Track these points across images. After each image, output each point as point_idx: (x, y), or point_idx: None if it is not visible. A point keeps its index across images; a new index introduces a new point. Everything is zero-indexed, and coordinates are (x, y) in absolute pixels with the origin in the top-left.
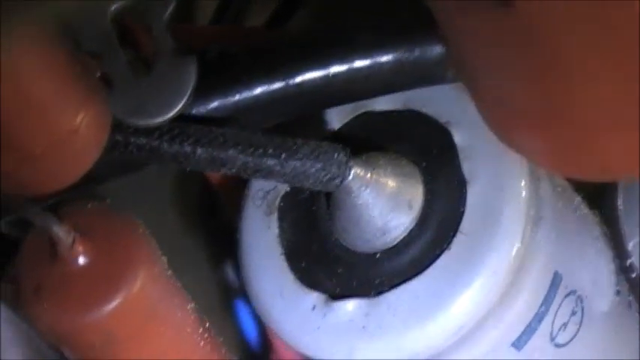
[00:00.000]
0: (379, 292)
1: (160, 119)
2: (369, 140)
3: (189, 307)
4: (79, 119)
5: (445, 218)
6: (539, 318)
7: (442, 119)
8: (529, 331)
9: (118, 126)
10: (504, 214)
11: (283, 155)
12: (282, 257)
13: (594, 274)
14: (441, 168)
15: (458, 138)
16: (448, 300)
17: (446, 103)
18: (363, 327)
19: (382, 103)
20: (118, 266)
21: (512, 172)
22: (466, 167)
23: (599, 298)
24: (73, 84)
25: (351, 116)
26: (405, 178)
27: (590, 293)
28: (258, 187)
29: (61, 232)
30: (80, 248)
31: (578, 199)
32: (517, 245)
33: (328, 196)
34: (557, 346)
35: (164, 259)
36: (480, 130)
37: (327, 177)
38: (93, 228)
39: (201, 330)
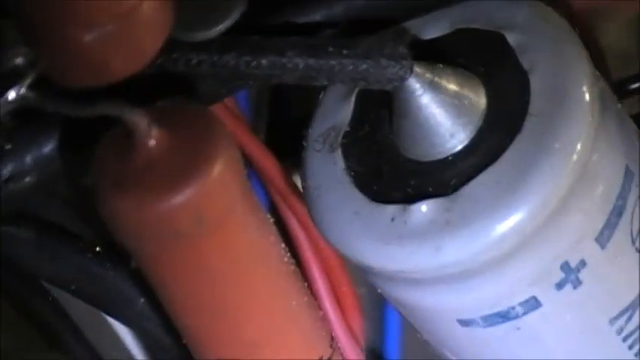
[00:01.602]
0: (457, 189)
1: (214, 31)
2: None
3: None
4: None
5: (512, 109)
6: (617, 211)
7: (492, 27)
8: (610, 225)
9: (176, 43)
10: (571, 92)
11: (344, 51)
12: (352, 186)
13: None
14: (499, 67)
15: (512, 39)
16: (529, 177)
17: (492, 12)
18: (447, 222)
19: (430, 32)
20: (197, 150)
21: (572, 56)
22: (524, 61)
23: None
24: None
25: None
26: (466, 80)
27: None
28: (315, 134)
29: (136, 117)
30: (157, 133)
31: None
32: (589, 117)
33: (392, 114)
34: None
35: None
36: (533, 27)
37: (390, 72)
38: (169, 116)
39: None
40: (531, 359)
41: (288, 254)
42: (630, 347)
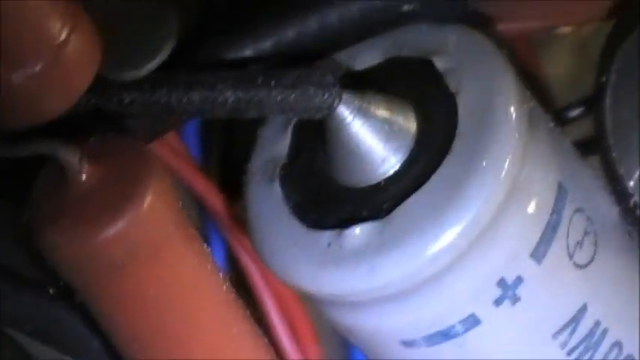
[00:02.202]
0: (390, 212)
1: (144, 69)
2: None
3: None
4: (64, 35)
5: (441, 131)
6: (552, 227)
7: (421, 54)
8: (545, 240)
9: (108, 83)
10: (497, 111)
11: (273, 82)
12: (290, 215)
13: (599, 200)
14: (428, 91)
15: (439, 63)
16: (459, 196)
17: (421, 39)
18: (380, 244)
19: (361, 62)
20: (128, 183)
21: (498, 76)
22: (452, 84)
23: (608, 228)
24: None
25: None
26: (395, 106)
27: (599, 219)
28: (255, 167)
29: (67, 153)
30: (89, 168)
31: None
32: (516, 134)
33: (325, 144)
34: (577, 266)
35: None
36: (461, 52)
37: (318, 101)
38: (101, 151)
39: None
40: None
41: (228, 283)
42: None
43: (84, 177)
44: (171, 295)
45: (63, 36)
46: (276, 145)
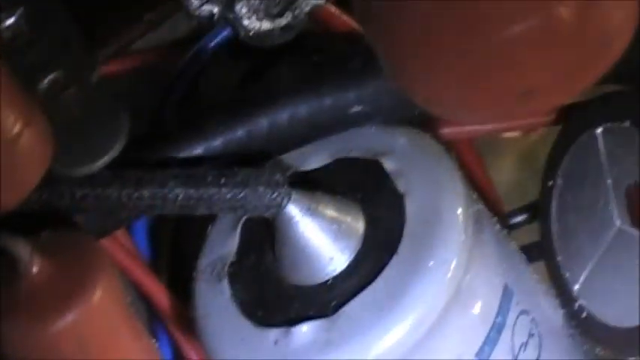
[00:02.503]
0: (337, 310)
1: (95, 166)
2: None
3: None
4: (17, 128)
5: (389, 231)
6: (497, 328)
7: (370, 155)
8: (490, 341)
9: (60, 178)
10: (444, 212)
11: (223, 180)
12: (238, 313)
13: (543, 303)
14: (377, 192)
15: (388, 165)
16: (405, 296)
17: (370, 141)
18: (327, 342)
19: (310, 162)
20: (78, 277)
21: (445, 178)
22: (400, 185)
23: (553, 330)
24: (13, 94)
25: None
26: (343, 206)
27: (543, 321)
28: (203, 265)
29: (18, 246)
30: (39, 261)
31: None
32: (462, 237)
33: (274, 242)
34: None
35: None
36: (409, 154)
37: (267, 200)
38: (52, 244)
39: None
40: None
41: None
42: None
43: (35, 270)
44: None
45: (16, 129)
46: (224, 243)
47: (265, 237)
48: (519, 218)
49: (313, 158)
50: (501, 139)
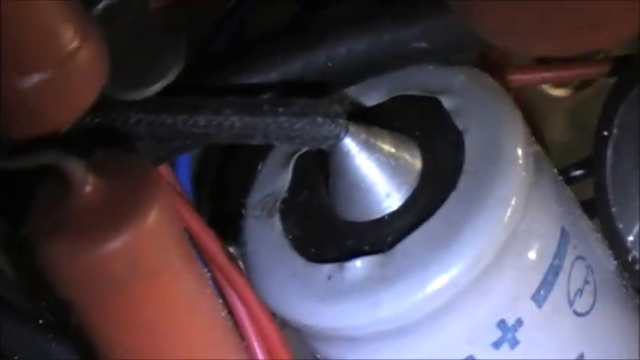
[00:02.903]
0: (393, 246)
1: (151, 90)
2: None
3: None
4: (75, 43)
5: (447, 168)
6: (554, 271)
7: (427, 93)
8: (546, 284)
9: (114, 102)
10: (504, 149)
11: (280, 109)
12: (289, 248)
13: (598, 251)
14: (435, 129)
15: (447, 102)
16: (464, 231)
17: (427, 79)
18: (383, 277)
19: (368, 100)
20: (132, 198)
21: (506, 116)
22: (459, 122)
23: (607, 280)
24: (72, 9)
25: None
26: (401, 142)
27: (598, 269)
28: (254, 202)
29: (73, 164)
30: (93, 180)
31: None
32: (523, 174)
33: (328, 177)
34: (577, 314)
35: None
36: (468, 91)
37: (325, 131)
38: (106, 165)
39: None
40: None
41: (226, 311)
42: None
43: (88, 189)
44: (169, 316)
45: (74, 45)
46: (276, 180)
47: (319, 174)
48: (572, 174)
49: (369, 95)
50: (551, 99)
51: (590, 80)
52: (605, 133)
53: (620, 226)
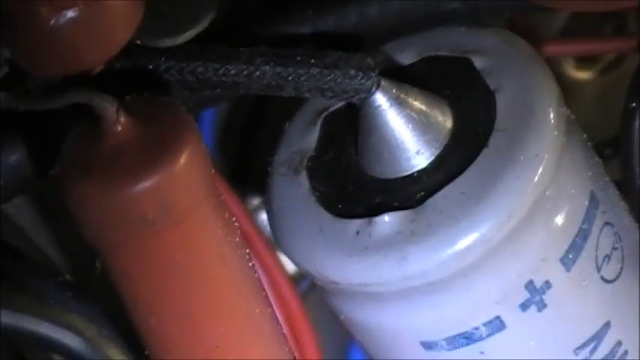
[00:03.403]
0: (422, 202)
1: (182, 37)
2: None
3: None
4: None
5: (478, 126)
6: (583, 235)
7: (458, 53)
8: (575, 248)
9: (144, 48)
10: (537, 108)
11: (312, 60)
12: (317, 204)
13: (626, 219)
14: (466, 88)
15: (478, 62)
16: (495, 188)
17: (458, 39)
18: (412, 232)
19: (399, 59)
20: (165, 139)
21: (538, 76)
22: (491, 81)
23: (635, 248)
24: None
25: None
26: (432, 100)
27: (626, 237)
28: (280, 160)
29: (104, 102)
30: (125, 120)
31: None
32: (555, 133)
33: (357, 133)
34: (605, 280)
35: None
36: (500, 51)
37: (357, 84)
38: (138, 106)
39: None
40: None
41: (253, 262)
42: None
43: (119, 128)
44: (198, 262)
45: None
46: (303, 138)
47: (347, 132)
48: (601, 152)
49: (401, 55)
50: (576, 82)
51: (615, 63)
52: (633, 105)
53: None
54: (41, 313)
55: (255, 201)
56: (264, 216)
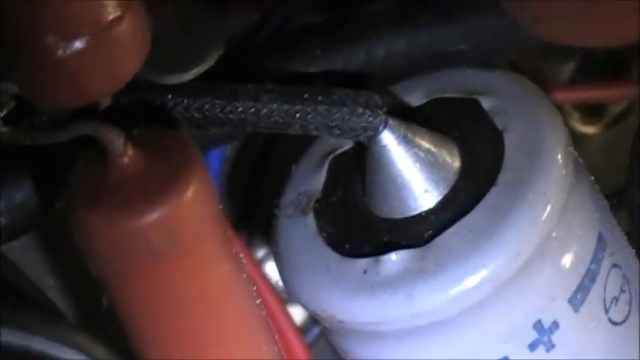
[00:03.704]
0: (430, 240)
1: (189, 74)
2: None
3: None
4: (119, 11)
5: (486, 165)
6: (591, 275)
7: (466, 94)
8: (583, 288)
9: (151, 84)
10: (545, 146)
11: (320, 97)
12: (324, 244)
13: (632, 262)
14: (474, 128)
15: (486, 103)
16: (504, 226)
17: (465, 80)
18: (420, 270)
19: (406, 99)
20: (172, 171)
21: (546, 115)
22: (499, 121)
23: None
24: None
25: None
26: (439, 139)
27: (633, 279)
28: (287, 202)
29: (112, 134)
30: (132, 152)
31: None
32: (563, 172)
33: (365, 172)
34: (612, 323)
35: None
36: (507, 92)
37: (364, 121)
38: (145, 138)
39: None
40: None
41: (259, 299)
42: None
43: (126, 160)
44: (203, 296)
45: (117, 13)
46: (310, 180)
47: (354, 173)
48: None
49: (408, 96)
50: (583, 136)
51: (621, 117)
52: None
53: None
54: (50, 333)
55: (261, 252)
56: (270, 265)
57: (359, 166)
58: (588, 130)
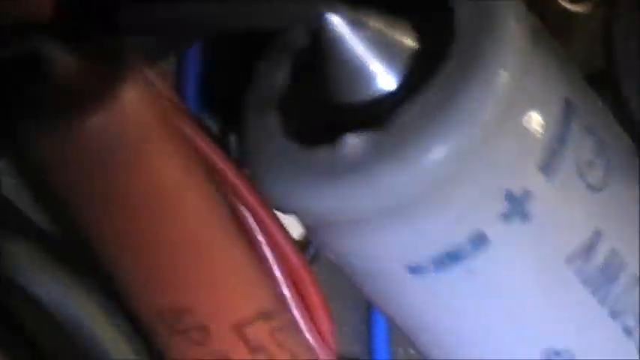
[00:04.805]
0: (387, 120)
1: None
2: None
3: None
4: None
5: (439, 42)
6: (559, 140)
7: None
8: (552, 153)
9: None
10: (497, 12)
11: None
12: (286, 139)
13: (609, 127)
14: (425, 7)
15: None
16: (460, 98)
17: None
18: (379, 151)
19: None
20: (107, 79)
21: None
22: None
23: (621, 156)
24: None
25: None
26: (390, 20)
27: (611, 144)
28: (251, 99)
29: (49, 46)
30: (70, 64)
31: None
32: (517, 37)
33: (319, 62)
34: (590, 187)
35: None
36: None
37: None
38: (85, 51)
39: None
40: (488, 309)
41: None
42: (593, 293)
43: (64, 71)
44: (156, 196)
45: None
46: (273, 77)
47: (314, 66)
48: None
49: None
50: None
51: None
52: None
53: (632, 106)
54: None
55: None
56: None
57: (316, 57)
58: (576, 8)
